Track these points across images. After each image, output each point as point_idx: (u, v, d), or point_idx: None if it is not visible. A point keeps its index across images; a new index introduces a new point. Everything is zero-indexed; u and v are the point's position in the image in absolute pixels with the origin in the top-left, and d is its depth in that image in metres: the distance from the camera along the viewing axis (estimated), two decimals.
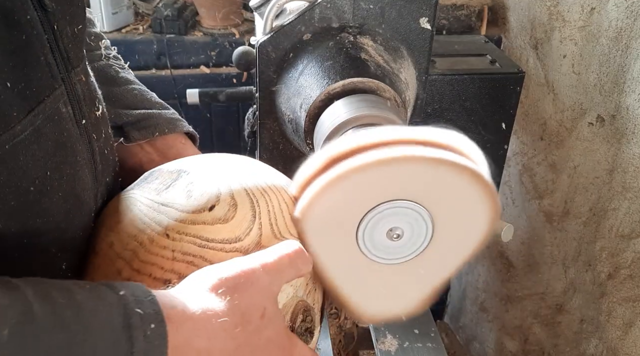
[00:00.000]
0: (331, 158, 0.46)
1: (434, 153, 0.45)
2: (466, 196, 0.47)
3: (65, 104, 0.43)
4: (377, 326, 0.92)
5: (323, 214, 0.47)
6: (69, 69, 0.44)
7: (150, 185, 0.50)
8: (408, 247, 0.49)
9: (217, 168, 0.50)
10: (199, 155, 0.55)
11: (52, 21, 0.42)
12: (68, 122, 0.43)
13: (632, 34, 1.01)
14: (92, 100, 0.49)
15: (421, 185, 0.46)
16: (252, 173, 0.50)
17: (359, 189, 0.46)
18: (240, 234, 0.45)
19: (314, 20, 0.73)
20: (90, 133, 0.47)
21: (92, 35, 0.68)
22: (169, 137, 0.68)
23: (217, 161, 0.52)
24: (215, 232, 0.44)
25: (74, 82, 0.45)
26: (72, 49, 0.45)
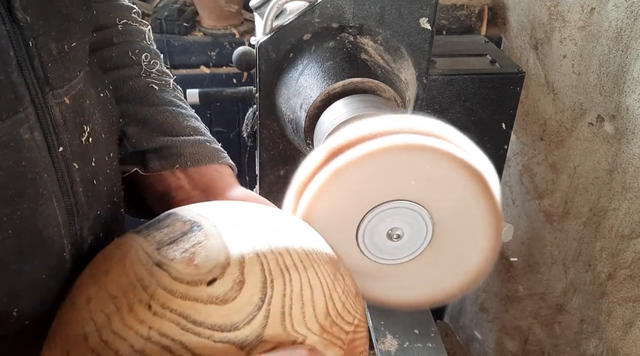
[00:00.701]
0: (330, 153, 0.46)
1: (435, 144, 0.44)
2: (466, 196, 0.47)
3: (30, 130, 0.38)
4: (377, 326, 0.92)
5: (323, 214, 0.47)
6: (44, 91, 0.39)
7: (157, 233, 0.41)
8: (408, 247, 0.49)
9: (238, 227, 0.41)
10: (229, 203, 0.47)
11: (27, 36, 0.38)
12: (32, 150, 0.38)
13: (632, 34, 1.01)
14: (78, 125, 0.44)
15: (421, 185, 0.46)
16: (282, 239, 0.40)
17: (360, 186, 0.45)
18: (238, 322, 0.35)
19: (314, 20, 0.73)
20: (70, 162, 0.42)
21: (137, 49, 0.63)
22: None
23: (244, 215, 0.43)
24: (207, 313, 0.35)
25: (50, 105, 0.40)
26: (52, 68, 0.40)
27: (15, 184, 0.37)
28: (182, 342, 0.34)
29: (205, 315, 0.35)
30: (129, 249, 0.40)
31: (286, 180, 0.50)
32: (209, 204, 0.45)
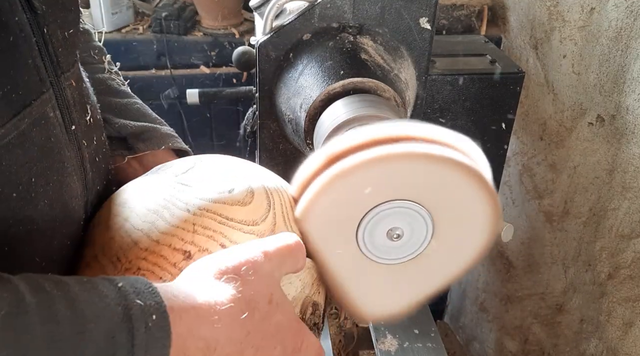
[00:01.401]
0: (330, 157, 0.46)
1: (433, 150, 0.45)
2: (466, 196, 0.47)
3: (53, 109, 0.42)
4: (377, 327, 0.92)
5: (323, 214, 0.47)
6: (58, 73, 0.43)
7: (166, 171, 0.50)
8: (408, 247, 0.49)
9: (229, 163, 0.51)
10: (203, 155, 0.56)
11: (42, 24, 0.41)
12: (56, 127, 0.43)
13: (632, 34, 1.01)
14: (82, 105, 0.48)
15: (421, 185, 0.46)
16: (260, 172, 0.51)
17: (359, 188, 0.46)
18: (257, 218, 0.46)
19: (314, 20, 0.73)
20: (80, 140, 0.46)
21: (96, 49, 0.68)
22: (159, 153, 0.68)
23: (226, 158, 0.53)
24: (234, 212, 0.45)
25: (64, 87, 0.44)
26: (62, 53, 0.44)
27: (47, 158, 0.41)
28: (222, 232, 0.44)
29: (233, 213, 0.45)
30: (148, 184, 0.49)
31: (286, 180, 0.51)
32: (194, 156, 0.54)
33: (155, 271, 0.43)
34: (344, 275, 0.50)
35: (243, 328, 0.39)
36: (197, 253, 0.43)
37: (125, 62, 1.37)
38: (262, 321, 0.41)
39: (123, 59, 1.37)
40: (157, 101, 1.41)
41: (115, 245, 0.45)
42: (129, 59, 1.38)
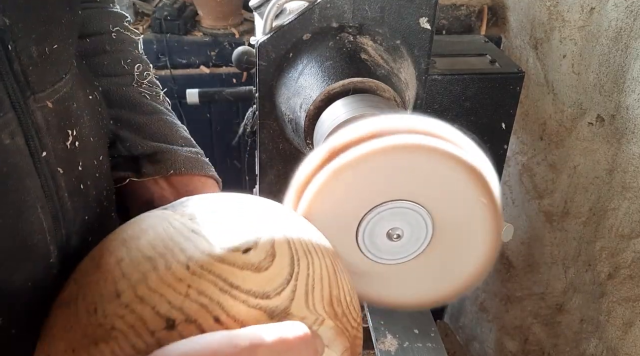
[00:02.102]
0: (330, 152, 0.45)
1: (435, 144, 0.44)
2: (466, 196, 0.47)
3: (11, 135, 0.37)
4: (377, 326, 0.92)
5: (323, 213, 0.47)
6: (26, 95, 0.39)
7: (186, 209, 0.42)
8: (408, 247, 0.49)
9: (258, 210, 0.43)
10: (236, 194, 0.47)
11: (6, 40, 0.36)
12: (14, 155, 0.38)
13: (631, 33, 1.01)
14: (62, 129, 0.43)
15: (421, 184, 0.46)
16: (296, 226, 0.42)
17: (359, 185, 0.45)
18: (270, 291, 0.36)
19: (314, 20, 0.73)
20: (54, 167, 0.41)
21: (129, 59, 0.64)
22: (186, 175, 0.62)
23: (258, 202, 0.44)
24: (243, 279, 0.36)
25: (32, 110, 0.39)
26: (34, 71, 0.39)
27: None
28: (220, 302, 0.35)
29: (241, 280, 0.36)
30: (161, 220, 0.41)
31: (286, 180, 0.50)
32: (225, 194, 0.46)
33: (128, 337, 0.35)
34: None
35: None
36: (182, 324, 0.34)
37: None
38: None
39: None
40: None
41: (97, 292, 0.38)
42: None
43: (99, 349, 0.35)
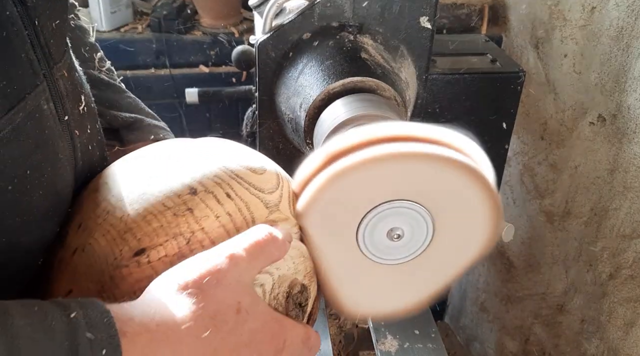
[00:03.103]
0: (331, 154, 0.46)
1: (434, 150, 0.44)
2: (467, 196, 0.46)
3: (47, 101, 0.42)
4: (377, 327, 0.92)
5: (324, 212, 0.47)
6: (50, 65, 0.43)
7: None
8: (408, 248, 0.49)
9: (239, 145, 0.52)
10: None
11: (33, 16, 0.41)
12: (50, 119, 0.42)
13: (633, 33, 1.00)
14: (75, 95, 0.48)
15: (421, 185, 0.46)
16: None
17: (359, 187, 0.45)
18: (264, 188, 0.46)
19: (314, 19, 0.73)
20: (73, 130, 0.46)
21: (87, 46, 0.68)
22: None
23: (234, 142, 0.53)
24: (246, 174, 0.46)
25: (56, 78, 0.44)
26: (53, 44, 0.44)
27: (41, 151, 0.41)
28: (230, 184, 0.45)
29: (244, 175, 0.46)
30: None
31: None
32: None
33: (159, 197, 0.43)
34: (344, 275, 0.50)
35: (209, 345, 0.38)
36: (202, 193, 0.43)
37: (124, 61, 1.36)
38: (231, 334, 0.39)
39: (122, 58, 1.37)
40: (157, 101, 1.40)
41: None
42: (127, 58, 1.38)
43: (133, 207, 0.44)
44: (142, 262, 0.41)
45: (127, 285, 0.41)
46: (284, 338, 0.43)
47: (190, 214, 0.42)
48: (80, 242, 0.45)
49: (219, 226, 0.43)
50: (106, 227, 0.44)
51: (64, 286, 0.44)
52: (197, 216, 0.42)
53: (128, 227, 0.43)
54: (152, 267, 0.41)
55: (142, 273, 0.41)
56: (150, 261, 0.41)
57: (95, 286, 0.42)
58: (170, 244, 0.42)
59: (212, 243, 0.42)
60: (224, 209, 0.43)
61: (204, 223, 0.42)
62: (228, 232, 0.43)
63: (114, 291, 0.41)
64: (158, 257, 0.41)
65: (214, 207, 0.43)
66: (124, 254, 0.42)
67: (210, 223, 0.43)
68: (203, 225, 0.42)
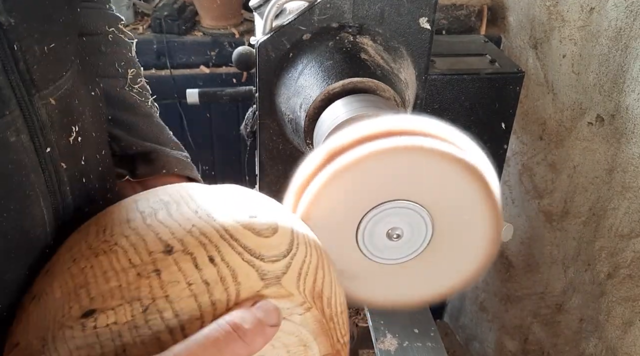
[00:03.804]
0: (330, 153, 0.46)
1: (433, 145, 0.44)
2: (466, 196, 0.47)
3: (17, 132, 0.38)
4: (377, 326, 0.92)
5: (324, 212, 0.47)
6: (31, 93, 0.40)
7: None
8: (408, 247, 0.49)
9: (256, 195, 0.45)
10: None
11: (12, 39, 0.37)
12: (19, 153, 0.39)
13: (631, 33, 1.01)
14: (65, 125, 0.44)
15: (421, 184, 0.46)
16: (304, 226, 0.44)
17: (359, 186, 0.45)
18: (265, 255, 0.38)
19: (314, 20, 0.73)
20: (57, 162, 0.43)
21: (123, 61, 0.65)
22: (169, 178, 0.63)
23: (251, 191, 0.46)
24: (243, 235, 0.38)
25: (37, 107, 0.40)
26: (38, 70, 0.40)
27: (2, 186, 0.37)
28: (218, 246, 0.37)
29: (241, 235, 0.38)
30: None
31: (286, 180, 0.50)
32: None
33: (128, 253, 0.37)
34: (344, 275, 0.50)
35: None
36: (178, 253, 0.36)
37: None
38: None
39: None
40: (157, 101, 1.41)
41: (110, 218, 0.41)
42: None
43: (98, 259, 0.37)
44: (87, 325, 0.35)
45: (66, 351, 0.35)
46: None
47: (156, 277, 0.35)
48: (40, 288, 0.40)
49: (189, 296, 0.35)
50: (66, 277, 0.38)
51: (15, 336, 0.39)
52: (163, 280, 0.35)
53: (86, 281, 0.37)
54: (96, 334, 0.34)
55: (84, 339, 0.35)
56: (96, 326, 0.35)
57: (38, 344, 0.36)
58: (124, 309, 0.35)
59: (175, 316, 0.34)
60: (200, 276, 0.36)
61: (170, 290, 0.35)
62: (200, 306, 0.35)
63: (51, 354, 0.35)
64: (106, 322, 0.34)
65: (187, 271, 0.36)
66: (72, 313, 0.36)
67: (179, 291, 0.35)
68: (168, 292, 0.35)
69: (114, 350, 0.34)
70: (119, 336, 0.34)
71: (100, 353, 0.34)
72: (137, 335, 0.34)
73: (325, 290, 0.41)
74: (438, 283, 0.52)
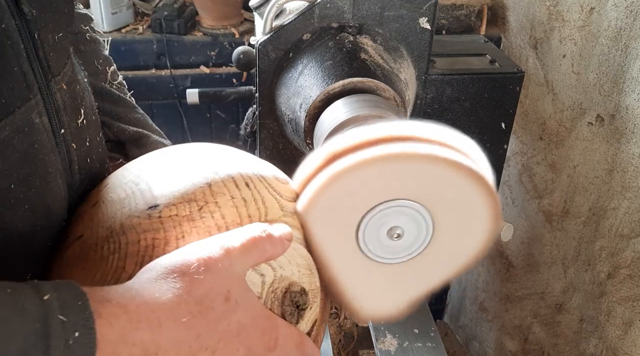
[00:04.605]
0: (332, 154, 0.46)
1: (434, 151, 0.45)
2: (466, 196, 0.47)
3: (39, 114, 0.42)
4: (377, 326, 0.92)
5: (324, 211, 0.47)
6: (48, 78, 0.43)
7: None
8: (408, 247, 0.49)
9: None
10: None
11: (33, 29, 0.40)
12: (42, 133, 0.42)
13: (631, 33, 1.01)
14: (75, 108, 0.48)
15: (421, 185, 0.46)
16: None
17: (359, 187, 0.46)
18: (285, 195, 0.48)
19: (314, 20, 0.73)
20: (69, 143, 0.46)
21: (101, 59, 0.68)
22: None
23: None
24: (270, 179, 0.48)
25: (54, 91, 0.44)
26: (53, 57, 0.43)
27: (29, 165, 0.40)
28: (251, 178, 0.46)
29: (267, 177, 0.48)
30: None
31: None
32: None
33: (188, 166, 0.46)
34: (344, 274, 0.50)
35: (192, 330, 0.37)
36: (223, 175, 0.45)
37: (125, 62, 1.37)
38: (218, 322, 0.38)
39: (123, 58, 1.37)
40: (157, 101, 1.41)
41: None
42: (128, 58, 1.38)
43: (159, 167, 0.48)
44: (153, 215, 0.42)
45: (134, 234, 0.42)
46: (275, 337, 0.42)
47: (207, 187, 0.44)
48: (99, 196, 0.47)
49: (232, 206, 0.44)
50: (129, 183, 0.46)
51: (77, 231, 0.45)
52: (214, 190, 0.44)
53: (150, 185, 0.45)
54: (160, 222, 0.42)
55: (149, 225, 0.42)
56: (160, 216, 0.42)
57: (104, 232, 0.43)
58: (183, 206, 0.43)
59: (222, 218, 0.43)
60: (240, 193, 0.45)
61: (219, 198, 0.44)
62: (240, 215, 0.44)
63: (119, 238, 0.42)
64: (169, 214, 0.42)
65: (231, 188, 0.45)
66: (139, 206, 0.43)
67: (225, 201, 0.44)
68: (217, 199, 0.44)
69: (175, 235, 0.42)
70: (180, 225, 0.42)
71: (164, 236, 0.42)
72: (194, 226, 0.42)
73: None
74: (438, 280, 0.52)
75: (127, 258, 0.41)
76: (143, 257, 0.41)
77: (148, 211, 0.43)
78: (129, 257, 0.41)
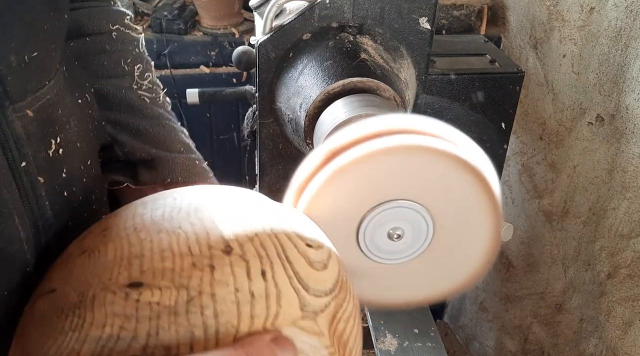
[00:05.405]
0: (330, 152, 0.46)
1: (434, 144, 0.44)
2: (467, 195, 0.47)
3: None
4: (377, 326, 0.92)
5: (324, 212, 0.47)
6: (4, 105, 0.38)
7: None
8: (408, 247, 0.49)
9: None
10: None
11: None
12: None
13: (631, 33, 1.01)
14: (44, 137, 0.42)
15: (421, 184, 0.46)
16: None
17: (359, 185, 0.45)
18: (310, 286, 0.38)
19: (314, 20, 0.73)
20: (34, 176, 0.41)
21: (130, 58, 0.62)
22: (173, 187, 0.61)
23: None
24: (297, 261, 0.38)
25: (11, 120, 0.38)
26: (13, 81, 0.38)
27: None
28: (272, 263, 0.37)
29: (295, 260, 0.38)
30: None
31: (286, 180, 0.50)
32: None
33: (189, 240, 0.37)
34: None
35: None
36: (235, 257, 0.36)
37: None
38: None
39: None
40: None
41: (179, 200, 0.41)
42: None
43: (159, 236, 0.38)
44: (130, 296, 0.35)
45: (102, 314, 0.35)
46: None
47: (209, 272, 0.35)
48: (92, 245, 0.40)
49: (233, 301, 0.35)
50: (123, 242, 0.38)
51: (52, 282, 0.39)
52: (215, 278, 0.35)
53: (142, 253, 0.37)
54: (136, 308, 0.34)
55: (123, 308, 0.34)
56: (139, 300, 0.35)
57: (74, 298, 0.36)
58: (169, 293, 0.35)
59: (214, 316, 0.34)
60: (248, 285, 0.36)
61: (217, 290, 0.35)
62: (239, 314, 0.35)
63: (86, 313, 0.35)
64: (149, 299, 0.34)
65: (239, 277, 0.36)
66: (120, 279, 0.36)
67: (225, 294, 0.35)
68: (216, 291, 0.35)
69: (147, 329, 0.34)
70: (157, 318, 0.34)
71: (134, 328, 0.34)
72: (174, 322, 0.34)
73: (351, 341, 0.41)
74: (439, 283, 0.52)
75: (85, 343, 0.34)
76: (102, 349, 0.34)
77: (127, 289, 0.35)
78: (87, 343, 0.34)
